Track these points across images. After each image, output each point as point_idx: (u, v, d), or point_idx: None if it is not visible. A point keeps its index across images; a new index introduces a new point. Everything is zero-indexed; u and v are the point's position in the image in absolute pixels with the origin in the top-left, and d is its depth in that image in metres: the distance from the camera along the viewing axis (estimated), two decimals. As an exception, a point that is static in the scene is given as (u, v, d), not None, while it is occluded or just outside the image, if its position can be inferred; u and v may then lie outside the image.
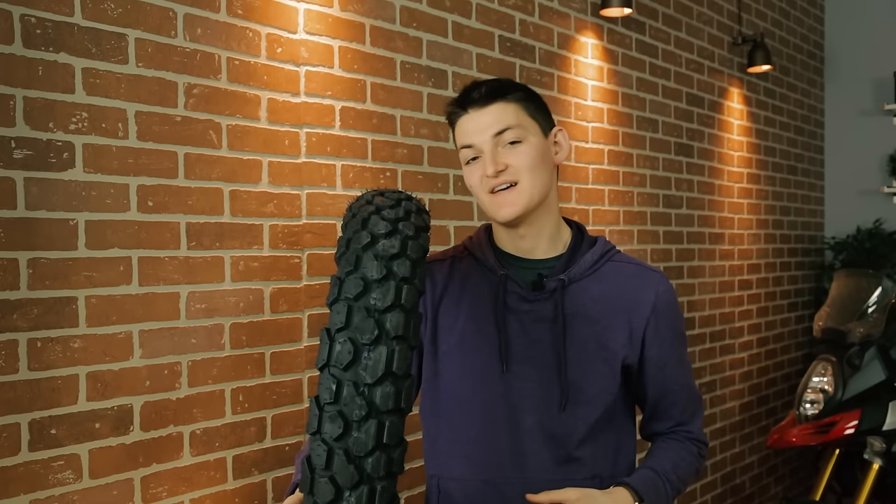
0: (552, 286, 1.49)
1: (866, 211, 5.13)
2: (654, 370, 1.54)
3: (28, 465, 1.68)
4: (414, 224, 1.24)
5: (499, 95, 1.47)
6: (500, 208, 1.46)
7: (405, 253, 1.20)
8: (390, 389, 1.14)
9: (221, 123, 2.03)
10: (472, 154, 1.48)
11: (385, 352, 1.15)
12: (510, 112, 1.47)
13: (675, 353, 1.56)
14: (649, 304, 1.51)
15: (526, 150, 1.46)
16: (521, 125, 1.47)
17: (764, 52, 4.22)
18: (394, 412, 1.15)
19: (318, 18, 2.26)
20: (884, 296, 3.56)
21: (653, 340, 1.52)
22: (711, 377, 4.08)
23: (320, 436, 1.15)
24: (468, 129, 1.47)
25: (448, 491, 1.54)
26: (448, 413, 1.54)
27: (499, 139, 1.45)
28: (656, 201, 3.69)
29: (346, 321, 1.17)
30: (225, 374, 2.04)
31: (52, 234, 1.72)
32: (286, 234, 2.18)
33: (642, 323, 1.51)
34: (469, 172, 1.49)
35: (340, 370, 1.15)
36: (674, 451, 1.56)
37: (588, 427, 1.49)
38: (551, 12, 3.11)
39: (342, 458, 1.13)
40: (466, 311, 1.53)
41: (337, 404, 1.14)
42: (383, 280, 1.18)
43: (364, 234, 1.21)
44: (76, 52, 1.76)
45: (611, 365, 1.50)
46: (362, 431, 1.13)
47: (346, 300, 1.18)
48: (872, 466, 3.21)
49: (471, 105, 1.47)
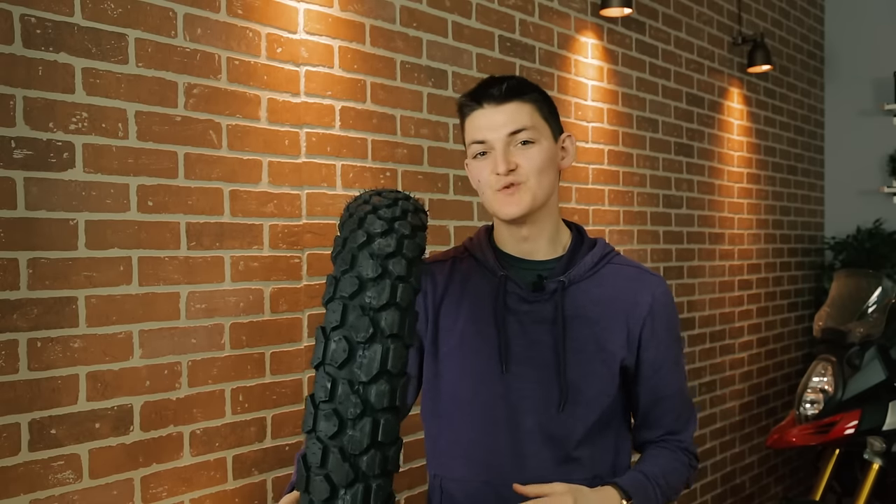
0: (552, 287, 1.50)
1: (866, 211, 5.13)
2: (649, 373, 1.53)
3: (28, 465, 1.69)
4: (410, 223, 1.24)
5: (517, 94, 1.46)
6: (505, 206, 1.46)
7: (401, 252, 1.20)
8: (385, 388, 1.14)
9: (221, 123, 2.03)
10: (483, 149, 1.47)
11: (380, 350, 1.15)
12: (525, 112, 1.46)
13: (671, 357, 1.55)
14: (646, 306, 1.52)
15: (537, 152, 1.46)
16: (535, 127, 1.47)
17: (764, 52, 4.22)
18: (389, 410, 1.15)
19: (318, 18, 2.26)
20: (884, 296, 3.56)
21: (649, 342, 1.52)
22: (711, 377, 4.08)
23: (315, 434, 1.15)
24: (482, 124, 1.47)
25: (450, 491, 1.54)
26: (448, 414, 1.54)
27: (512, 138, 1.45)
28: (656, 201, 3.69)
29: (341, 320, 1.17)
30: (225, 374, 2.04)
31: (52, 234, 1.72)
32: (286, 234, 2.18)
33: (639, 324, 1.51)
34: (477, 167, 1.48)
35: (335, 368, 1.15)
36: (664, 459, 1.55)
37: (586, 428, 1.49)
38: (551, 12, 3.11)
39: (337, 457, 1.13)
40: (466, 312, 1.53)
41: (332, 402, 1.14)
42: (378, 279, 1.17)
43: (360, 233, 1.21)
44: (76, 52, 1.76)
45: (609, 366, 1.50)
46: (357, 430, 1.13)
47: (342, 299, 1.18)
48: (872, 466, 3.21)
49: (487, 100, 1.46)
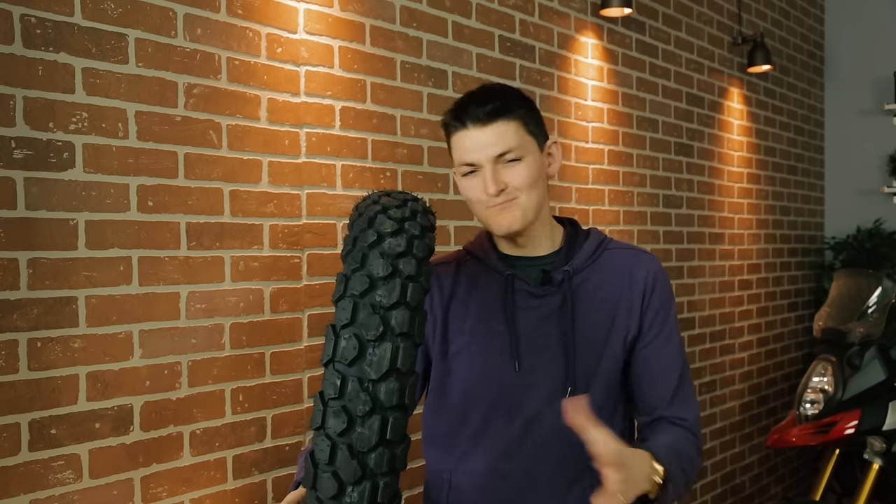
0: (559, 278, 1.52)
1: (866, 211, 5.13)
2: (641, 344, 1.54)
3: (28, 465, 1.69)
4: (420, 224, 1.25)
5: (502, 114, 1.44)
6: (497, 223, 1.47)
7: (411, 251, 1.21)
8: (394, 386, 1.15)
9: (221, 123, 2.03)
10: (471, 169, 1.47)
11: (390, 348, 1.15)
12: (511, 131, 1.44)
13: (665, 330, 1.56)
14: (642, 281, 1.54)
15: (525, 168, 1.46)
16: (521, 145, 1.45)
17: (764, 52, 4.22)
18: (398, 408, 1.16)
19: (318, 18, 2.26)
20: (884, 296, 3.56)
21: (646, 314, 1.54)
22: (711, 377, 4.08)
23: (324, 431, 1.16)
24: (467, 146, 1.45)
25: (459, 485, 1.55)
26: (460, 410, 1.55)
27: (499, 158, 1.45)
28: (656, 201, 3.69)
29: (351, 317, 1.17)
30: (225, 374, 2.04)
31: (52, 234, 1.72)
32: (286, 234, 2.18)
33: (639, 300, 1.53)
34: (467, 186, 1.48)
35: (345, 366, 1.16)
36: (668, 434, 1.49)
37: (598, 411, 1.47)
38: (551, 12, 3.11)
39: (345, 454, 1.13)
40: (476, 313, 1.54)
41: (341, 399, 1.15)
42: (389, 278, 1.18)
43: (370, 232, 1.22)
44: (76, 52, 1.76)
45: (620, 348, 1.52)
46: (366, 427, 1.14)
47: (352, 297, 1.18)
48: (872, 466, 3.21)
49: (471, 121, 1.44)
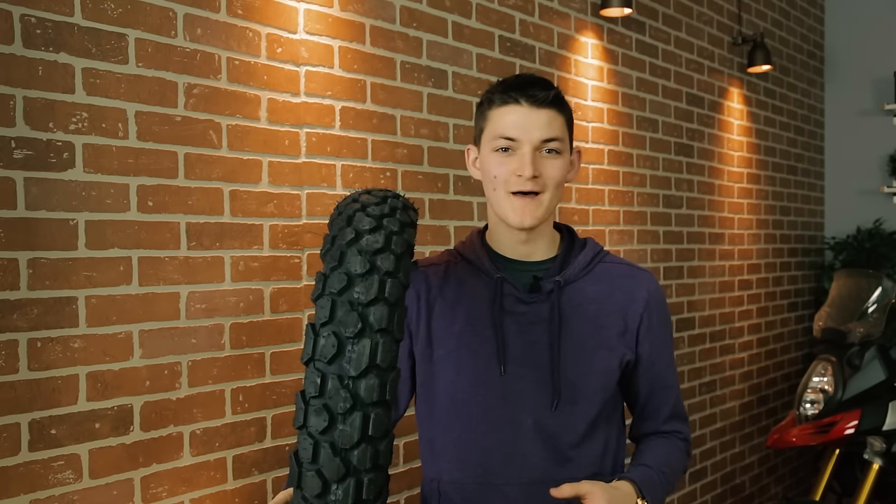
0: (548, 288, 1.50)
1: (866, 211, 5.13)
2: (646, 365, 1.56)
3: (28, 465, 1.69)
4: (399, 220, 1.25)
5: (557, 104, 1.47)
6: (518, 215, 1.46)
7: (389, 248, 1.21)
8: (374, 382, 1.15)
9: (221, 123, 2.03)
10: (508, 146, 1.45)
11: (369, 344, 1.15)
12: (559, 123, 1.47)
13: (666, 351, 1.59)
14: (642, 302, 1.54)
15: (560, 164, 1.47)
16: (563, 139, 1.48)
17: (764, 52, 4.22)
18: (379, 404, 1.16)
19: (318, 18, 2.26)
20: (884, 296, 3.56)
21: (645, 337, 1.55)
22: (711, 377, 4.08)
23: (306, 429, 1.16)
24: (518, 122, 1.44)
25: (449, 494, 1.54)
26: (445, 417, 1.54)
27: (543, 145, 1.45)
28: (656, 201, 3.69)
29: (329, 315, 1.17)
30: (225, 374, 2.04)
31: (52, 234, 1.72)
32: (286, 234, 2.18)
33: (636, 319, 1.54)
34: (496, 162, 1.46)
35: (325, 364, 1.16)
36: (664, 448, 1.58)
37: (586, 425, 1.49)
38: (551, 12, 3.11)
39: (328, 451, 1.14)
40: (463, 316, 1.53)
41: (322, 398, 1.15)
42: (367, 274, 1.18)
43: (349, 230, 1.22)
44: (76, 52, 1.76)
45: (608, 363, 1.51)
46: (347, 424, 1.14)
47: (331, 295, 1.18)
48: (872, 466, 3.21)
49: (529, 100, 1.44)
